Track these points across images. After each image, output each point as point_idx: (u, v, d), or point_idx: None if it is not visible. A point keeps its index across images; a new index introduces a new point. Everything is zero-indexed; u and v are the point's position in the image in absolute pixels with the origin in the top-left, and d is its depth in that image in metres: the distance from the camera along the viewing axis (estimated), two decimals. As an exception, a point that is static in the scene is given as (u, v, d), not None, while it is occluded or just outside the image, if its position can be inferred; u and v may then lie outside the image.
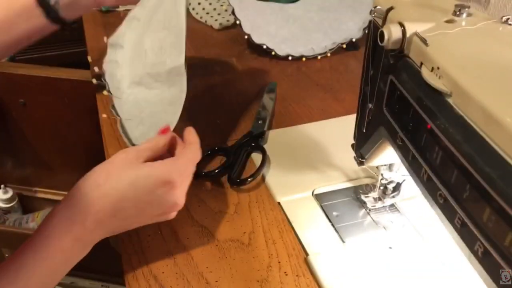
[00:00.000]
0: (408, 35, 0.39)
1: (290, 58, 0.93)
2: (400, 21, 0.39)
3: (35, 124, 1.08)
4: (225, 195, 0.60)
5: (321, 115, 0.76)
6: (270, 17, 0.97)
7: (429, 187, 0.37)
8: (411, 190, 0.54)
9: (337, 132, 0.71)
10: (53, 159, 1.15)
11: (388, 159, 0.52)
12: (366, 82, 0.49)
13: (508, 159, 0.28)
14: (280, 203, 0.59)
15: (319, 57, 0.94)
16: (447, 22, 0.39)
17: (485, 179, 0.29)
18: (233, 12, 0.92)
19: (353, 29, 0.96)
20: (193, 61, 0.84)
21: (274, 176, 0.63)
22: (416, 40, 0.38)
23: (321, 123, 0.74)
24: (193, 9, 1.11)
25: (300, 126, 0.73)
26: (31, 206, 1.26)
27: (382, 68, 0.45)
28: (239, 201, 0.59)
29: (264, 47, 0.92)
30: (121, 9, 1.14)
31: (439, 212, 0.36)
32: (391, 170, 0.54)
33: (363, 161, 0.55)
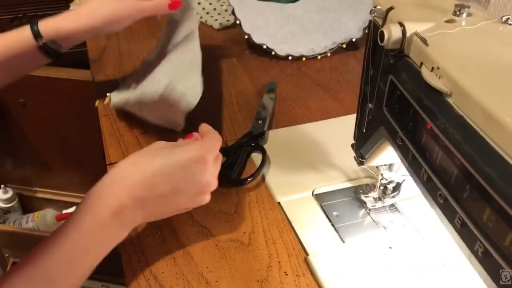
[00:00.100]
0: (408, 35, 0.39)
1: (290, 58, 0.93)
2: (400, 21, 0.39)
3: (35, 124, 1.08)
4: (225, 195, 0.60)
5: (321, 115, 0.76)
6: (270, 17, 0.97)
7: (429, 187, 0.37)
8: (411, 190, 0.54)
9: (337, 132, 0.70)
10: (53, 159, 1.15)
11: (388, 159, 0.52)
12: (366, 82, 0.49)
13: (508, 159, 0.28)
14: (280, 203, 0.59)
15: (319, 57, 0.94)
16: (447, 22, 0.39)
17: (485, 179, 0.29)
18: (233, 12, 0.92)
19: (353, 29, 0.96)
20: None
21: (274, 176, 0.63)
22: (416, 40, 0.38)
23: (321, 123, 0.74)
24: (192, 9, 1.11)
25: (300, 126, 0.73)
26: (31, 206, 1.26)
27: (382, 68, 0.45)
28: (239, 201, 0.59)
29: (264, 47, 0.92)
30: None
31: (439, 212, 0.36)
32: (391, 170, 0.54)
33: (363, 161, 0.55)
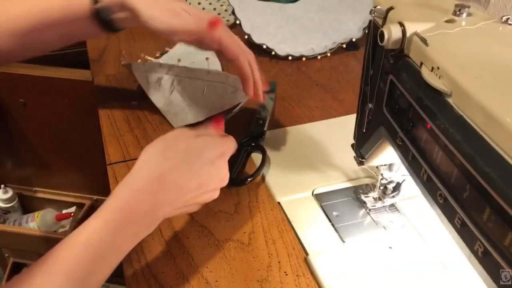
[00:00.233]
0: (408, 35, 0.39)
1: (290, 58, 0.93)
2: (400, 21, 0.39)
3: (35, 124, 1.08)
4: (225, 195, 0.60)
5: (321, 115, 0.76)
6: (270, 17, 0.97)
7: (429, 187, 0.37)
8: (411, 190, 0.54)
9: (337, 132, 0.71)
10: (53, 159, 1.15)
11: (388, 159, 0.52)
12: (366, 82, 0.49)
13: (508, 159, 0.28)
14: (280, 203, 0.59)
15: (319, 57, 0.94)
16: (447, 22, 0.39)
17: (485, 179, 0.29)
18: (233, 12, 0.92)
19: (353, 29, 0.96)
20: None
21: (274, 176, 0.63)
22: (416, 40, 0.38)
23: (321, 123, 0.74)
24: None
25: (300, 126, 0.73)
26: (31, 206, 1.26)
27: (382, 68, 0.45)
28: (239, 201, 0.59)
29: (264, 47, 0.92)
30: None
31: (439, 212, 0.36)
32: (391, 170, 0.54)
33: (363, 161, 0.55)
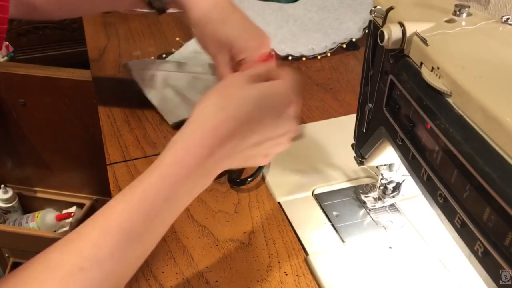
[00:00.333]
0: (408, 35, 0.39)
1: (290, 58, 0.93)
2: (400, 21, 0.39)
3: (35, 124, 1.08)
4: (225, 195, 0.60)
5: (321, 115, 0.76)
6: (270, 17, 0.97)
7: (429, 187, 0.37)
8: (411, 190, 0.54)
9: (337, 132, 0.71)
10: (53, 159, 1.15)
11: (388, 159, 0.52)
12: (366, 82, 0.49)
13: (508, 159, 0.28)
14: (280, 203, 0.59)
15: (319, 57, 0.94)
16: (447, 22, 0.39)
17: (485, 179, 0.29)
18: (233, 12, 0.92)
19: (353, 29, 0.96)
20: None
21: (274, 176, 0.63)
22: (416, 40, 0.38)
23: (321, 123, 0.74)
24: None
25: (300, 126, 0.73)
26: (31, 206, 1.26)
27: (382, 68, 0.45)
28: (239, 201, 0.59)
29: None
30: (121, 9, 1.13)
31: (439, 212, 0.36)
32: (391, 170, 0.54)
33: (363, 161, 0.55)
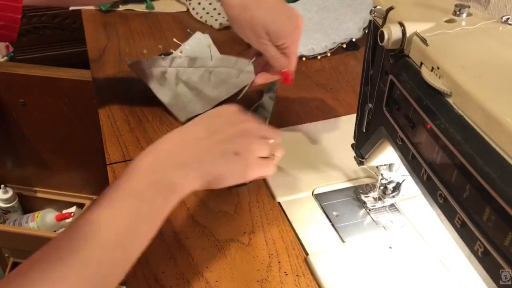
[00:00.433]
0: (408, 35, 0.39)
1: (290, 58, 0.92)
2: (400, 21, 0.39)
3: (35, 124, 1.08)
4: (225, 195, 0.60)
5: (321, 115, 0.76)
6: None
7: (429, 187, 0.37)
8: (411, 190, 0.54)
9: (337, 132, 0.71)
10: (53, 159, 1.15)
11: (388, 159, 0.52)
12: (366, 82, 0.49)
13: (508, 159, 0.28)
14: (280, 203, 0.59)
15: (319, 57, 0.94)
16: (447, 22, 0.39)
17: (485, 179, 0.29)
18: (233, 12, 0.92)
19: (353, 29, 0.96)
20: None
21: (274, 176, 0.62)
22: (416, 40, 0.38)
23: (321, 123, 0.74)
24: (193, 8, 1.11)
25: (300, 126, 0.73)
26: (31, 206, 1.26)
27: (382, 68, 0.45)
28: (239, 201, 0.59)
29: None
30: (121, 8, 1.13)
31: (439, 212, 0.36)
32: (391, 170, 0.54)
33: (363, 161, 0.55)
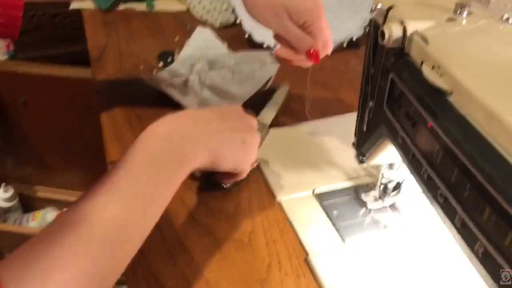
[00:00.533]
0: (408, 33, 0.39)
1: (290, 57, 0.92)
2: (401, 19, 0.39)
3: (35, 123, 1.09)
4: (225, 194, 0.60)
5: (321, 114, 0.76)
6: (271, 16, 0.97)
7: (430, 186, 0.37)
8: (412, 189, 0.54)
9: (338, 131, 0.70)
10: (53, 158, 1.15)
11: (388, 158, 0.52)
12: (367, 81, 0.49)
13: (509, 159, 0.27)
14: (280, 202, 0.59)
15: (319, 56, 0.94)
16: (447, 20, 0.39)
17: (485, 178, 0.29)
18: (233, 11, 0.92)
19: (354, 28, 0.96)
20: (193, 60, 0.84)
21: (274, 175, 0.63)
22: (417, 38, 0.38)
23: (322, 122, 0.74)
24: (193, 8, 1.11)
25: (300, 125, 0.73)
26: (31, 205, 1.26)
27: (382, 67, 0.45)
28: (239, 201, 0.59)
29: (265, 45, 0.92)
30: (121, 7, 1.13)
31: (440, 211, 0.36)
32: (391, 169, 0.54)
33: (363, 160, 0.55)
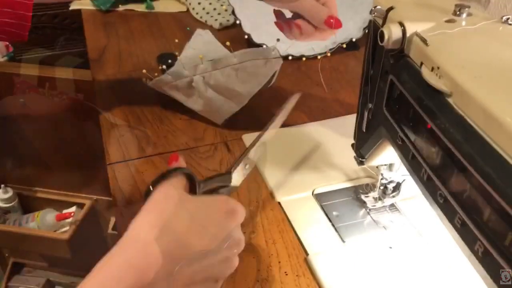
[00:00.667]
0: (408, 34, 0.39)
1: (290, 58, 0.93)
2: (400, 20, 0.39)
3: (35, 124, 1.08)
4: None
5: (321, 115, 0.76)
6: (271, 16, 0.97)
7: (429, 186, 0.37)
8: (411, 190, 0.54)
9: (337, 132, 0.71)
10: (53, 159, 1.15)
11: (388, 158, 0.52)
12: (366, 82, 0.49)
13: (508, 159, 0.28)
14: (280, 203, 0.59)
15: (319, 57, 0.94)
16: (447, 22, 0.39)
17: (485, 178, 0.29)
18: (233, 12, 0.92)
19: (353, 29, 0.96)
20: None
21: (274, 176, 0.63)
22: (416, 40, 0.38)
23: (321, 123, 0.74)
24: (193, 9, 1.11)
25: (300, 126, 0.73)
26: (31, 206, 1.26)
27: (382, 68, 0.45)
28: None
29: (264, 46, 0.92)
30: (121, 8, 1.13)
31: (439, 212, 0.36)
32: (391, 170, 0.54)
33: (363, 160, 0.55)
